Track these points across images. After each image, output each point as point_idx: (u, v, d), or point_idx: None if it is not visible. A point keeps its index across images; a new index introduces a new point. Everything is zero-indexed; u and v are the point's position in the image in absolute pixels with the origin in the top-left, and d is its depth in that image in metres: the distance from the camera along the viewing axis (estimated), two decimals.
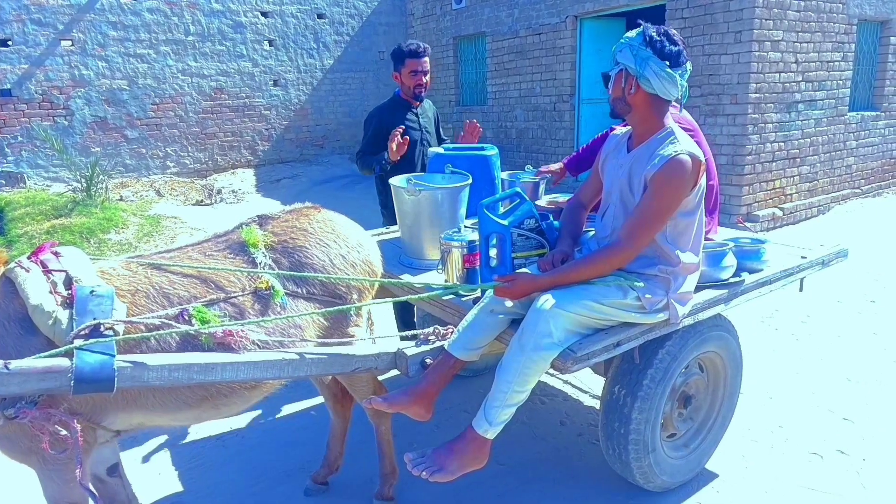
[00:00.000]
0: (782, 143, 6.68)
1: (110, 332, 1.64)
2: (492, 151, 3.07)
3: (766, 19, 6.05)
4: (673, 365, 2.27)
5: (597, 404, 3.08)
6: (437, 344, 2.11)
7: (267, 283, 1.96)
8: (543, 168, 3.34)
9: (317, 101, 10.84)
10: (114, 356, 1.60)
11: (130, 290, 1.80)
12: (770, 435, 2.88)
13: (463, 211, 2.82)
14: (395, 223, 3.41)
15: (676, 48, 1.96)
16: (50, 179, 8.52)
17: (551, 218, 2.39)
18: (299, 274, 2.00)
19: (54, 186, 8.29)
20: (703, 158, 1.96)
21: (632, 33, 2.03)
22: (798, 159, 6.91)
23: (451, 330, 2.16)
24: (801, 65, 6.60)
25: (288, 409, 3.27)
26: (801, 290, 2.70)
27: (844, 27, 6.94)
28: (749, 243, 2.53)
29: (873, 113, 7.83)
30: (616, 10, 7.36)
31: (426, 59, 3.31)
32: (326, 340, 2.01)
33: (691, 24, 6.47)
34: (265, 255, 2.03)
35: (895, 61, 7.82)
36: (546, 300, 1.90)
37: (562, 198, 3.28)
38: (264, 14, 10.02)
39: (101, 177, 7.64)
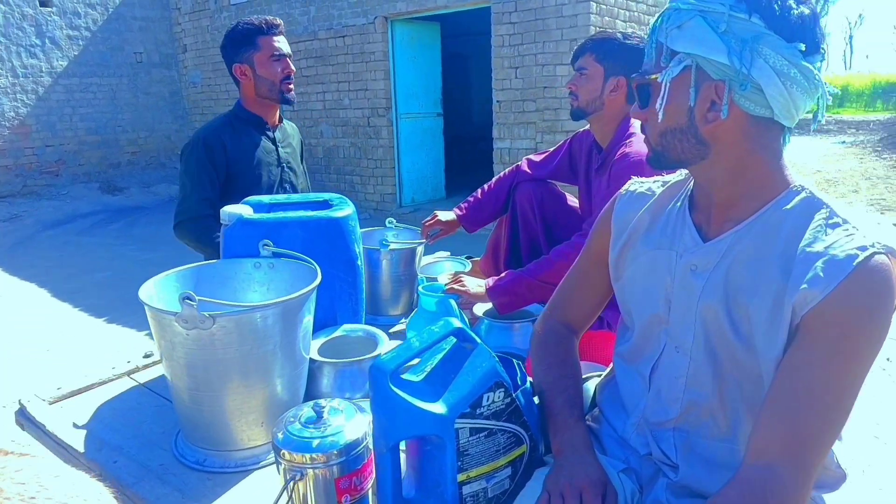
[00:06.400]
0: None
1: None
2: (345, 210, 1.67)
3: (599, 27, 5.53)
4: None
5: None
6: None
7: None
8: (427, 222, 2.08)
9: (45, 115, 8.16)
10: None
11: None
12: None
13: (308, 332, 1.41)
14: None
15: (809, 10, 0.84)
16: None
17: (522, 376, 1.11)
18: None
19: None
20: None
21: None
22: None
23: None
24: None
25: None
26: None
27: None
28: None
29: None
30: (433, 11, 6.37)
31: (284, 37, 2.07)
32: None
33: (521, 31, 5.73)
34: None
35: None
36: None
37: (443, 274, 2.06)
38: None
39: None
